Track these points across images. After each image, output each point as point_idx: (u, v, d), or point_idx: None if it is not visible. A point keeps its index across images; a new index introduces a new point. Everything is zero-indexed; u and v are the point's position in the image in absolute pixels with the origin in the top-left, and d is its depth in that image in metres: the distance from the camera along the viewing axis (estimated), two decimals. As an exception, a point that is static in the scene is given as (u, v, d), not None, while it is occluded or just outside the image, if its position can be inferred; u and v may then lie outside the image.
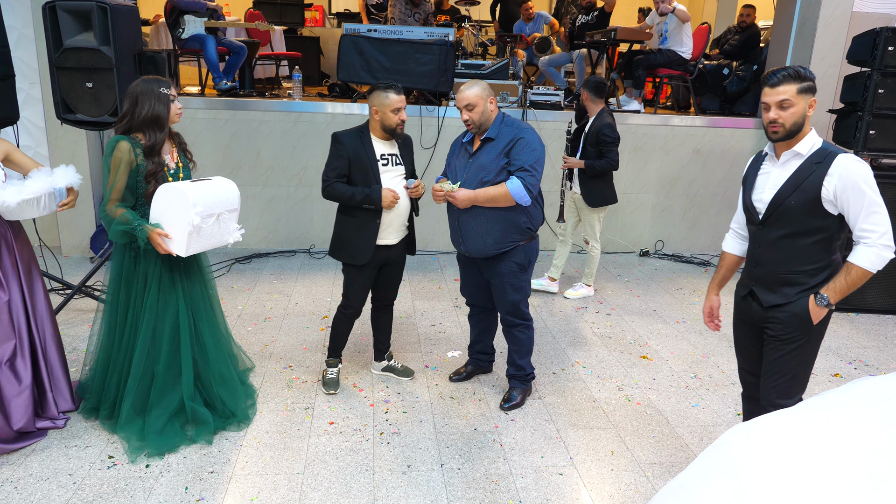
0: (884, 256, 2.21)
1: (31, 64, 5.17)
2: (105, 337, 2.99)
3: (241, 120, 5.63)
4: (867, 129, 4.70)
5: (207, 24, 6.01)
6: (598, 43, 6.80)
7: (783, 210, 2.28)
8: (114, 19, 3.71)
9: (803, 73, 2.23)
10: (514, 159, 3.01)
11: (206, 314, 3.09)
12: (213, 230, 2.80)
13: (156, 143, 2.76)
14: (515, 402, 3.35)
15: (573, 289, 5.03)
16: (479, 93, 3.04)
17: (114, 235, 2.77)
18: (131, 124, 2.75)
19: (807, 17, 5.74)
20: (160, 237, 2.70)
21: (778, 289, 2.35)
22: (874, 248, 2.20)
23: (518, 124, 3.11)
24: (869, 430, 1.61)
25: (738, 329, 2.60)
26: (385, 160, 3.18)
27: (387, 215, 3.18)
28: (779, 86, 2.22)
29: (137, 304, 2.89)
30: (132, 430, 2.89)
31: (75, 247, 5.51)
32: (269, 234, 5.85)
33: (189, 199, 2.65)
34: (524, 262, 3.17)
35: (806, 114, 2.24)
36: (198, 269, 3.08)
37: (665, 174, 6.20)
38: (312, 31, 8.69)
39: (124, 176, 2.73)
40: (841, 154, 2.21)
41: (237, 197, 2.92)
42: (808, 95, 2.24)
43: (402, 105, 3.11)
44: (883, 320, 4.85)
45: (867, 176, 2.17)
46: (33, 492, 2.57)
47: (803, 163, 2.26)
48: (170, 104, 2.79)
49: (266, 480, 2.70)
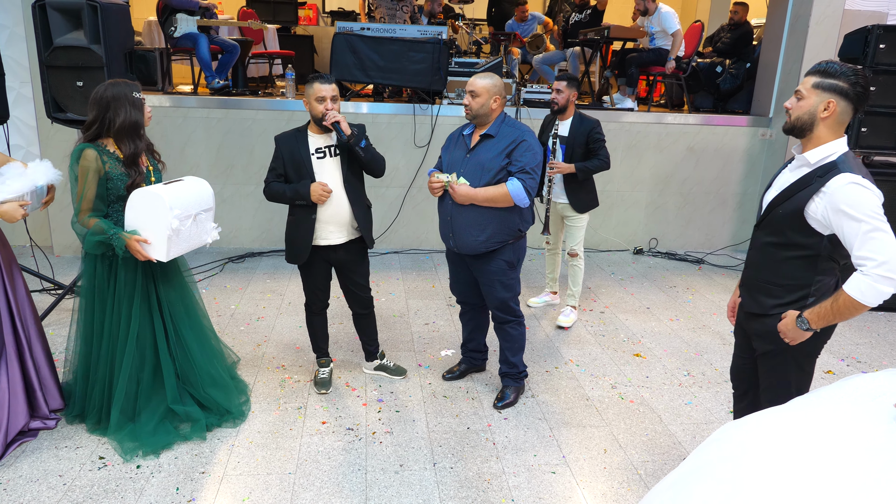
0: (880, 290, 1.91)
1: (22, 63, 5.14)
2: (82, 345, 2.96)
3: (235, 119, 5.61)
4: (859, 127, 4.72)
5: (200, 23, 5.98)
6: (592, 41, 6.80)
7: (773, 217, 2.16)
8: (104, 17, 3.69)
9: (831, 70, 1.99)
10: (515, 160, 3.00)
11: (188, 316, 3.06)
12: (192, 231, 2.77)
13: (136, 151, 2.70)
14: (509, 400, 3.35)
15: (563, 315, 4.50)
16: (488, 86, 3.01)
17: (89, 246, 2.71)
18: (100, 131, 2.69)
19: (799, 14, 5.76)
20: (139, 244, 2.66)
21: (755, 295, 2.26)
22: (868, 277, 1.92)
23: (520, 126, 3.09)
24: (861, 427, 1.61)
25: (735, 328, 2.58)
26: (321, 153, 3.08)
27: (323, 211, 3.08)
28: (807, 75, 2.06)
29: (115, 313, 2.86)
30: (123, 433, 2.87)
31: (67, 247, 5.48)
32: (263, 233, 5.84)
33: (165, 203, 2.60)
34: (513, 259, 3.17)
35: (817, 113, 2.01)
36: (175, 272, 3.04)
37: (659, 172, 6.20)
38: (306, 30, 8.66)
39: (93, 185, 2.67)
40: (843, 174, 1.95)
41: (211, 195, 2.89)
42: (827, 94, 1.99)
43: (326, 94, 2.95)
44: (875, 317, 4.86)
45: (858, 201, 1.92)
46: (23, 493, 2.55)
47: (809, 173, 2.05)
48: (143, 109, 2.74)
49: (258, 481, 2.69)
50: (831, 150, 2.02)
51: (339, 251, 3.20)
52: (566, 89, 4.16)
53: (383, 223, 5.80)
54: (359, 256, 3.28)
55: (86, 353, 2.94)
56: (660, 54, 6.32)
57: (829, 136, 2.03)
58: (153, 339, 2.93)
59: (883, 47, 4.59)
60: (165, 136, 5.45)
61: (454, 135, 3.27)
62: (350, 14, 9.37)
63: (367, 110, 5.74)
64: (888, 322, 4.76)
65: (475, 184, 3.02)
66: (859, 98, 1.99)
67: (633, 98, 6.50)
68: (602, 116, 5.97)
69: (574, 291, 4.51)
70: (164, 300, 2.95)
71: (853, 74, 1.97)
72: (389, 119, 5.71)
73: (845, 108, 2.00)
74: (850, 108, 2.01)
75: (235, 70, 6.44)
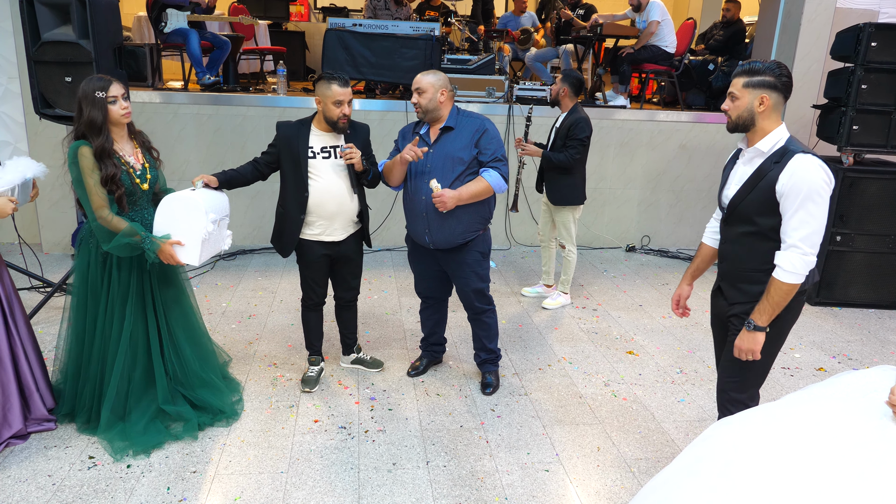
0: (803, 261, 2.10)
1: (9, 58, 5.08)
2: (73, 344, 2.92)
3: (225, 115, 5.57)
4: (850, 125, 4.73)
5: (191, 18, 5.93)
6: (585, 38, 6.80)
7: (742, 208, 2.25)
8: (93, 12, 3.65)
9: (757, 68, 2.17)
10: (484, 150, 3.06)
11: (182, 317, 3.04)
12: (215, 236, 2.84)
13: (99, 147, 2.65)
14: (494, 384, 3.47)
15: (550, 298, 4.75)
16: (433, 81, 3.05)
17: (116, 249, 2.68)
18: (82, 129, 2.67)
19: (791, 12, 5.77)
20: (172, 247, 2.68)
21: (739, 286, 2.33)
22: (790, 250, 2.12)
23: (477, 115, 3.17)
24: (852, 424, 1.61)
25: (712, 326, 2.61)
26: (326, 153, 3.10)
27: (328, 210, 3.10)
28: (734, 77, 2.23)
29: (109, 311, 2.83)
30: (114, 433, 2.84)
31: (56, 244, 5.43)
32: (254, 230, 5.80)
33: (202, 207, 2.69)
34: (485, 249, 3.28)
35: (754, 109, 2.18)
36: (173, 272, 3.01)
37: (651, 169, 6.21)
38: (297, 26, 8.61)
39: (98, 178, 2.65)
40: (799, 154, 2.11)
41: (227, 203, 2.96)
42: (758, 91, 2.16)
43: (344, 98, 2.98)
44: (866, 314, 4.89)
45: (815, 181, 2.07)
46: (11, 493, 2.52)
47: (764, 161, 2.20)
48: (107, 107, 2.66)
49: (249, 479, 2.68)
50: (778, 137, 2.20)
51: (342, 247, 3.25)
52: (559, 83, 4.37)
53: (375, 220, 5.78)
54: (356, 251, 3.34)
55: (77, 351, 2.91)
56: (654, 52, 6.32)
57: (771, 126, 2.21)
58: (146, 339, 2.91)
59: (874, 45, 4.59)
60: (155, 133, 5.39)
61: (406, 132, 3.25)
62: (342, 10, 9.32)
63: (359, 107, 5.71)
64: (879, 319, 4.79)
65: (447, 176, 3.04)
66: (786, 87, 2.18)
67: (626, 95, 6.50)
68: (594, 114, 5.96)
69: (564, 279, 4.75)
70: (159, 300, 2.93)
71: (777, 68, 2.17)
72: (381, 116, 5.69)
73: (777, 98, 2.18)
74: (781, 98, 2.19)
75: (226, 66, 6.40)
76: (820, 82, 5.60)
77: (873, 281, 4.93)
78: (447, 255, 3.22)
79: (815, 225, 2.09)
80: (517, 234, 6.22)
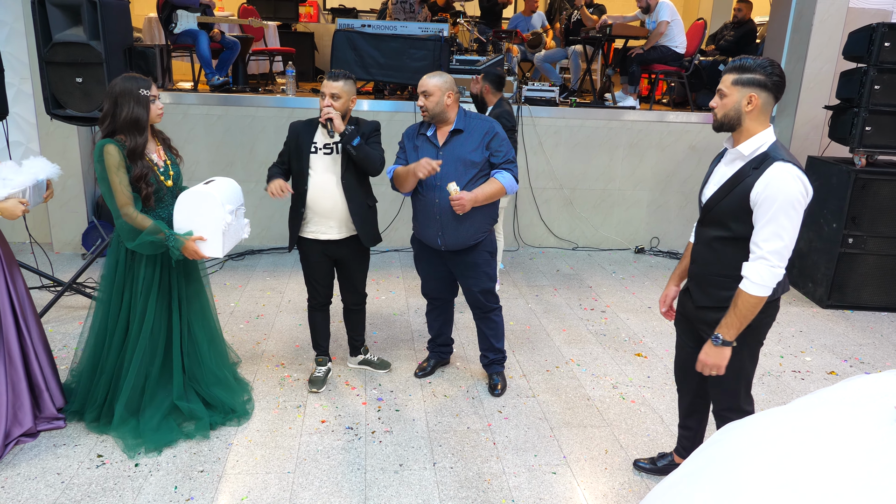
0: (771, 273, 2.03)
1: (21, 59, 5.12)
2: (95, 337, 2.94)
3: (235, 116, 5.59)
4: (863, 126, 4.68)
5: (200, 20, 5.96)
6: (594, 39, 6.77)
7: (717, 212, 2.18)
8: (104, 14, 3.67)
9: (748, 65, 2.07)
10: (496, 151, 3.09)
11: (201, 314, 3.06)
12: (234, 226, 2.86)
13: (136, 146, 2.69)
14: (501, 384, 3.48)
15: None
16: (439, 84, 3.06)
17: (141, 247, 2.70)
18: (114, 126, 2.69)
19: (803, 12, 5.72)
20: (195, 243, 2.71)
21: (707, 290, 2.28)
22: (758, 262, 2.05)
23: (485, 118, 3.19)
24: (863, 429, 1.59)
25: (676, 323, 2.58)
26: (328, 149, 3.10)
27: (319, 207, 3.11)
28: (725, 73, 2.14)
29: (134, 305, 2.85)
30: (126, 429, 2.86)
31: (67, 243, 5.47)
32: (263, 230, 5.82)
33: (217, 199, 2.71)
34: (493, 249, 3.30)
35: (741, 108, 2.09)
36: (195, 269, 3.05)
37: (660, 171, 6.18)
38: (307, 27, 8.65)
39: (124, 176, 2.68)
40: (778, 162, 2.02)
41: (240, 192, 2.98)
42: (747, 89, 2.07)
43: (325, 91, 2.95)
44: (879, 317, 4.84)
45: (791, 192, 1.99)
46: (20, 491, 2.53)
47: (744, 165, 2.12)
48: (150, 106, 2.72)
49: (257, 479, 2.68)
50: (762, 141, 2.10)
51: (341, 247, 3.23)
52: (479, 82, 4.50)
53: (383, 221, 5.77)
54: (358, 254, 3.31)
55: (97, 345, 2.93)
56: (663, 52, 6.29)
57: (757, 128, 2.11)
58: (167, 334, 2.93)
59: (888, 46, 4.55)
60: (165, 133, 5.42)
61: (411, 134, 3.24)
62: (351, 11, 9.34)
63: (368, 108, 5.72)
64: (892, 323, 4.74)
65: (461, 179, 3.05)
66: (777, 87, 2.08)
67: (635, 96, 6.47)
68: (604, 115, 5.97)
69: None
70: (182, 297, 2.96)
71: (768, 66, 2.06)
72: (390, 116, 5.69)
73: (766, 98, 2.08)
74: (771, 98, 2.09)
75: (236, 67, 6.42)
76: (832, 83, 5.54)
77: (886, 284, 4.88)
78: (457, 256, 3.22)
79: (786, 239, 2.03)
80: (525, 236, 6.20)
